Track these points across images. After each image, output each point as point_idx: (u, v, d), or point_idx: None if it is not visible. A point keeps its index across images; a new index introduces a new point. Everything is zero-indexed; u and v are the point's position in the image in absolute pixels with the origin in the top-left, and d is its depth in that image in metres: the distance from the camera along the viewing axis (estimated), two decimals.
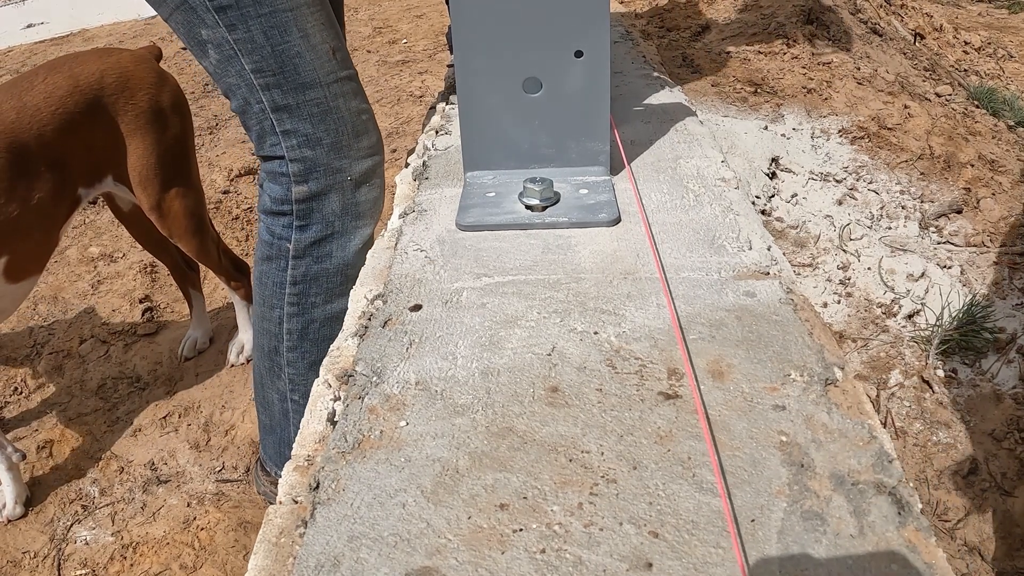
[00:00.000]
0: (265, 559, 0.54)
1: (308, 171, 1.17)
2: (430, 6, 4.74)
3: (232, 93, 1.16)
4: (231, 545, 1.54)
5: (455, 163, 1.11)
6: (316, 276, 1.25)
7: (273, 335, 1.33)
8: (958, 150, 2.37)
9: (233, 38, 1.09)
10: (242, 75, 1.12)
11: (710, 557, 0.50)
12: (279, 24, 1.08)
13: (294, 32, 1.10)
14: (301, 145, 1.15)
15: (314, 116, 1.14)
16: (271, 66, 1.11)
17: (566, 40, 0.93)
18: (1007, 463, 1.47)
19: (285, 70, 1.11)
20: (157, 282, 2.38)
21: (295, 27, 1.09)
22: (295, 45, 1.10)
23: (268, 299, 1.31)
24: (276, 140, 1.16)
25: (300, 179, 1.18)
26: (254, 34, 1.08)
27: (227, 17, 1.08)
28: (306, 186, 1.18)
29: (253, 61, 1.10)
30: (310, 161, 1.16)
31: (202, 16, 1.09)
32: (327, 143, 1.16)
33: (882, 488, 0.54)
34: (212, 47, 1.11)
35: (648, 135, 1.15)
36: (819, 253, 2.15)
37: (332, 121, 1.15)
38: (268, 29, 1.08)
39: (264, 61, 1.10)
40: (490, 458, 0.60)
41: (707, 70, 2.78)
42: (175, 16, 1.12)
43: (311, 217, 1.20)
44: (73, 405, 1.93)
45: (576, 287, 0.80)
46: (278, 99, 1.13)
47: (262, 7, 1.07)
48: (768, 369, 0.66)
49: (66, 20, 5.33)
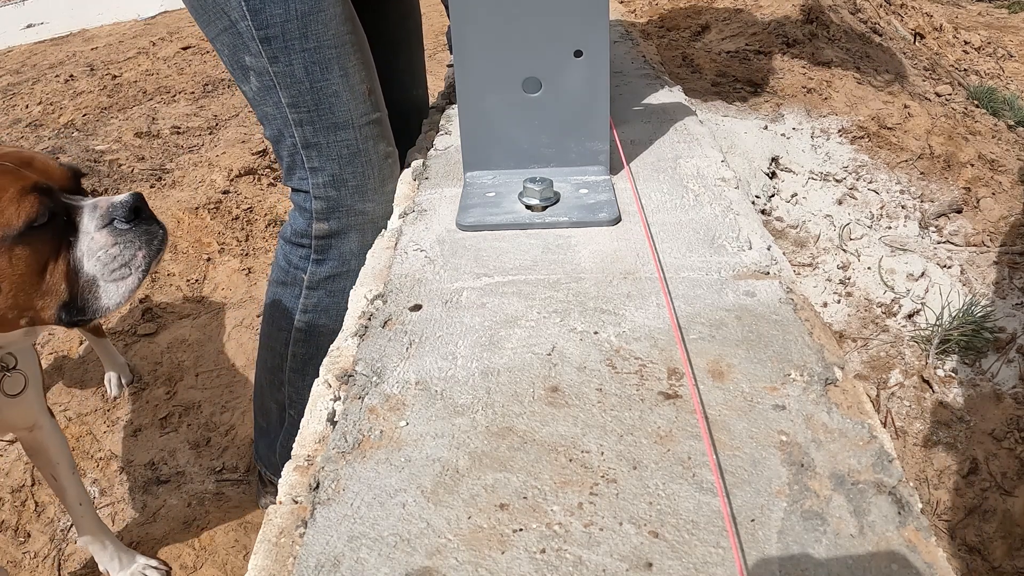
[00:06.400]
0: (265, 559, 0.54)
1: (331, 210, 1.17)
2: (430, 6, 4.73)
3: (267, 122, 1.15)
4: (231, 545, 1.54)
5: (455, 163, 1.11)
6: (327, 308, 1.26)
7: (277, 354, 1.34)
8: (958, 150, 2.37)
9: (274, 70, 1.08)
10: (279, 107, 1.11)
11: (710, 557, 0.50)
12: (321, 61, 1.07)
13: (335, 70, 1.08)
14: (327, 184, 1.15)
15: (343, 157, 1.14)
16: (307, 102, 1.10)
17: (566, 40, 0.93)
18: (1007, 463, 1.47)
19: (320, 108, 1.10)
20: (157, 282, 2.38)
21: (337, 65, 1.08)
22: (334, 83, 1.09)
23: (277, 320, 1.32)
24: (304, 175, 1.16)
25: (322, 216, 1.18)
26: (295, 68, 1.07)
27: (271, 48, 1.06)
28: (327, 224, 1.18)
29: (290, 95, 1.09)
30: (333, 201, 1.16)
31: (247, 43, 1.07)
32: (352, 185, 1.15)
33: (882, 488, 0.54)
34: (254, 75, 1.10)
35: (648, 135, 1.15)
36: (819, 253, 2.15)
37: (360, 164, 1.15)
38: (310, 65, 1.07)
39: (301, 96, 1.09)
40: (490, 458, 0.60)
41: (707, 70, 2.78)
42: (221, 38, 1.10)
43: (328, 253, 1.21)
44: (73, 405, 1.93)
45: (576, 287, 0.80)
46: (309, 136, 1.12)
47: (307, 41, 1.05)
48: (768, 369, 0.66)
49: (66, 20, 5.33)
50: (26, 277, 0.92)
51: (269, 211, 2.65)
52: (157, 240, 1.00)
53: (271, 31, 1.05)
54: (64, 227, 0.95)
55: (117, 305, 0.98)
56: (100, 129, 3.33)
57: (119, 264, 0.97)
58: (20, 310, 0.95)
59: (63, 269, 0.95)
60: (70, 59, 4.45)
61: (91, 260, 0.96)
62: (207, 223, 2.57)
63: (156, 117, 3.39)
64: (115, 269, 0.97)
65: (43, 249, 0.93)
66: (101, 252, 0.96)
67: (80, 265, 0.96)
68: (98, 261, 0.96)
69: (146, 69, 4.06)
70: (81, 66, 4.20)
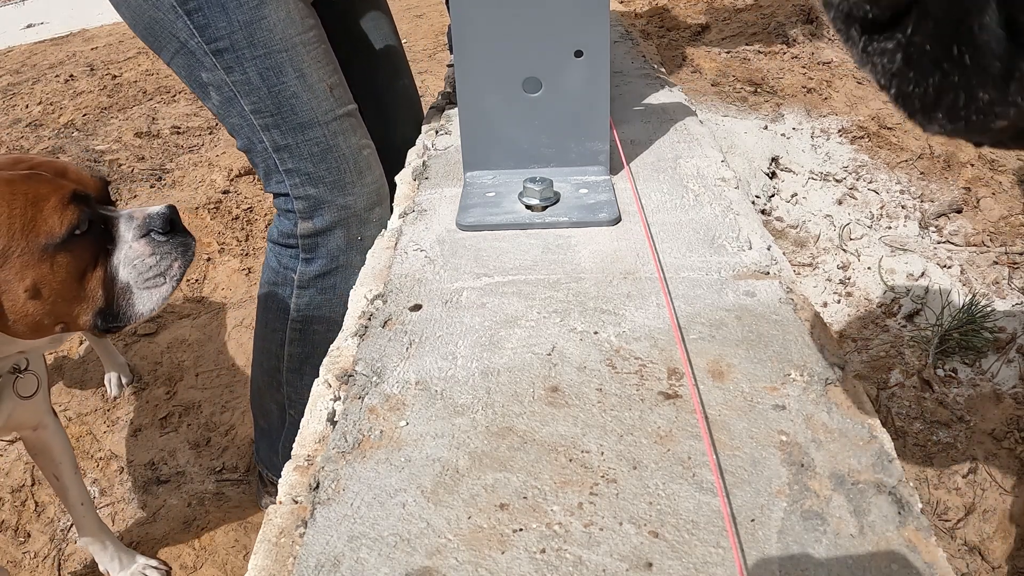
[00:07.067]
0: (265, 559, 0.54)
1: (313, 208, 1.18)
2: (430, 6, 4.74)
3: (236, 133, 1.16)
4: (231, 545, 1.54)
5: (455, 163, 1.11)
6: (320, 306, 1.26)
7: (273, 355, 1.34)
8: (958, 149, 2.37)
9: (231, 80, 1.10)
10: (243, 116, 1.13)
11: (710, 557, 0.50)
12: (274, 65, 1.09)
13: (289, 72, 1.10)
14: (304, 183, 1.16)
15: (314, 155, 1.15)
16: (269, 107, 1.11)
17: (566, 40, 0.93)
18: (1007, 463, 1.47)
19: (283, 111, 1.12)
20: None
21: (290, 67, 1.10)
22: (291, 86, 1.10)
23: (271, 322, 1.32)
24: (281, 178, 1.17)
25: (305, 215, 1.19)
26: (250, 76, 1.09)
27: (224, 60, 1.08)
28: (311, 222, 1.19)
29: (252, 103, 1.11)
30: (314, 199, 1.17)
31: (201, 59, 1.09)
32: (329, 181, 1.17)
33: (882, 488, 0.54)
34: (213, 89, 1.12)
35: (648, 135, 1.15)
36: (819, 253, 2.15)
37: (333, 159, 1.16)
38: (264, 71, 1.09)
39: (262, 102, 1.11)
40: (490, 458, 0.60)
41: (707, 70, 2.78)
42: (176, 60, 1.12)
43: (316, 251, 1.22)
44: (73, 405, 1.93)
45: (576, 287, 0.80)
46: (278, 139, 1.14)
47: (256, 49, 1.08)
48: (768, 369, 0.66)
49: (66, 20, 5.33)
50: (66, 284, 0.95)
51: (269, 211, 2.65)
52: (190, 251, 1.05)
53: (220, 43, 1.07)
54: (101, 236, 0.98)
55: (151, 312, 1.02)
56: (100, 129, 3.33)
57: (155, 273, 1.01)
58: (57, 316, 0.97)
59: (100, 276, 0.98)
60: (70, 59, 4.45)
61: (127, 268, 0.99)
62: (207, 223, 2.57)
63: (156, 117, 3.39)
64: (151, 278, 1.01)
65: (83, 257, 0.96)
66: (138, 261, 1.00)
67: (116, 273, 0.99)
68: (134, 269, 0.99)
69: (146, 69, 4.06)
70: (81, 66, 4.20)
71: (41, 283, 0.93)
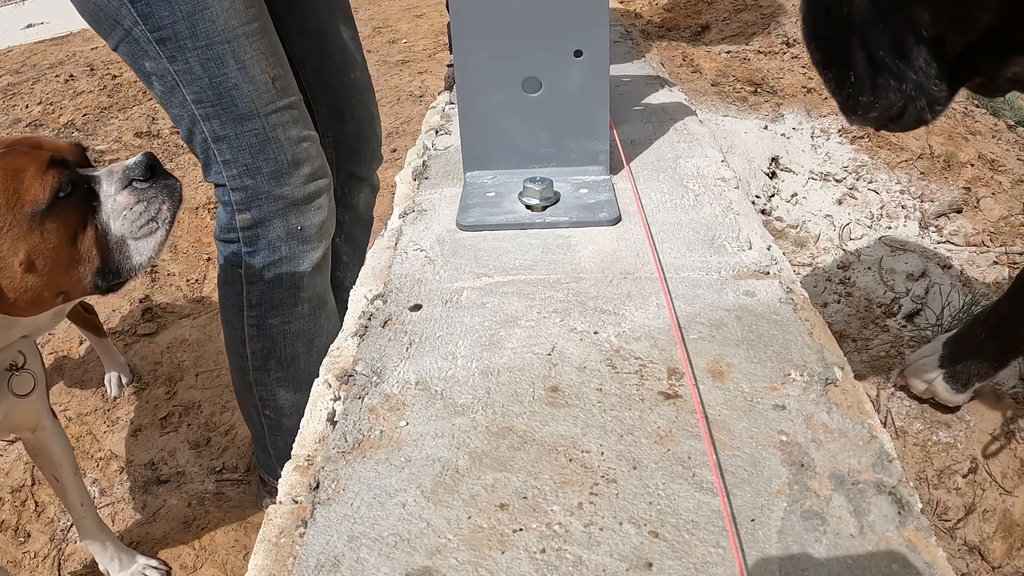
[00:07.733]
0: (265, 559, 0.54)
1: (249, 199, 1.18)
2: (430, 6, 4.74)
3: (179, 122, 1.17)
4: (231, 545, 1.54)
5: (455, 163, 1.11)
6: (271, 300, 1.27)
7: (239, 355, 1.35)
8: (958, 149, 2.37)
9: (174, 69, 1.10)
10: (184, 106, 1.13)
11: (710, 557, 0.50)
12: (216, 56, 1.09)
13: (231, 64, 1.10)
14: (241, 174, 1.17)
15: (252, 147, 1.15)
16: (210, 97, 1.11)
17: (566, 40, 0.93)
18: (1007, 463, 1.47)
19: (223, 101, 1.12)
20: (157, 282, 2.38)
21: (232, 59, 1.10)
22: (232, 77, 1.11)
23: (230, 321, 1.33)
24: (219, 169, 1.17)
25: (243, 207, 1.19)
26: (192, 66, 1.09)
27: (167, 49, 1.08)
28: (248, 214, 1.20)
29: (193, 92, 1.11)
30: (251, 190, 1.18)
31: (145, 48, 1.09)
32: (266, 172, 1.17)
33: (882, 488, 0.54)
34: (156, 78, 1.12)
35: (648, 135, 1.15)
36: (819, 253, 2.15)
37: (271, 151, 1.16)
38: (205, 61, 1.09)
39: (203, 92, 1.11)
40: (490, 458, 0.60)
41: (707, 70, 2.78)
42: (121, 48, 1.13)
43: (257, 243, 1.22)
44: (73, 405, 1.93)
45: (576, 287, 0.80)
46: (217, 129, 1.14)
47: (198, 39, 1.08)
48: (768, 369, 0.66)
49: (66, 20, 5.33)
50: (59, 250, 0.95)
51: None
52: (177, 192, 1.05)
53: (163, 32, 1.07)
54: (86, 196, 0.99)
55: (149, 260, 1.02)
56: (100, 129, 3.33)
57: (145, 220, 1.01)
58: (57, 286, 0.97)
59: (92, 236, 0.98)
60: (70, 59, 4.45)
61: (117, 221, 1.00)
62: (207, 223, 2.57)
63: (156, 117, 3.39)
64: (142, 225, 1.01)
65: (71, 219, 0.96)
66: (126, 211, 1.00)
67: (108, 228, 1.00)
68: (124, 220, 1.00)
69: None
70: (81, 66, 4.20)
71: (35, 254, 0.93)
